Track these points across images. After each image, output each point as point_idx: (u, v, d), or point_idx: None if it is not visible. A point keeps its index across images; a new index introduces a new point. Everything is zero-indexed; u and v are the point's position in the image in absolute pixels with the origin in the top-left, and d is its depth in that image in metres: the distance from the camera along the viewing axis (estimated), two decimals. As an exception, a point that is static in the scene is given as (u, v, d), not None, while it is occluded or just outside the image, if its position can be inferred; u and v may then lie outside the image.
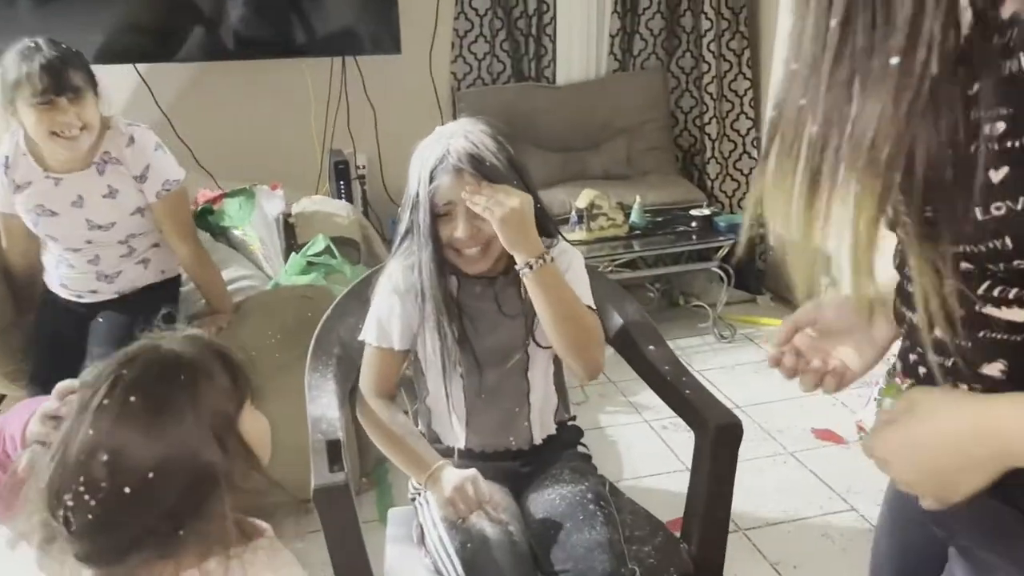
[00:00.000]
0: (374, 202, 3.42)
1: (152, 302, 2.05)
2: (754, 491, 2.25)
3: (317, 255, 2.53)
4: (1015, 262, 0.62)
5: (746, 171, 3.63)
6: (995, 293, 0.64)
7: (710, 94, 3.58)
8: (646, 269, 3.37)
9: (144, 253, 2.12)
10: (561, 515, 1.30)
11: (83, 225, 2.00)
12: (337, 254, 2.52)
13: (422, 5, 3.34)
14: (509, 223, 1.26)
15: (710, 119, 3.59)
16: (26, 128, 1.91)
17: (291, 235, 2.74)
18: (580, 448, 1.49)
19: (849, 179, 0.61)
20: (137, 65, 3.12)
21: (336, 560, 1.21)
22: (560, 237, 1.43)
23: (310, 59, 3.24)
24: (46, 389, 1.87)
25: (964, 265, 0.64)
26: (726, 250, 3.22)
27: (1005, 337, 0.65)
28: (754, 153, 3.60)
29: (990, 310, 0.65)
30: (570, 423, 1.51)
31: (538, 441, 1.44)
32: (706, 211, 3.28)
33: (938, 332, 0.67)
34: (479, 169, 1.28)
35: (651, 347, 1.50)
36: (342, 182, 3.12)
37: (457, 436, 1.43)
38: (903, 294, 0.76)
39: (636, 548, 1.30)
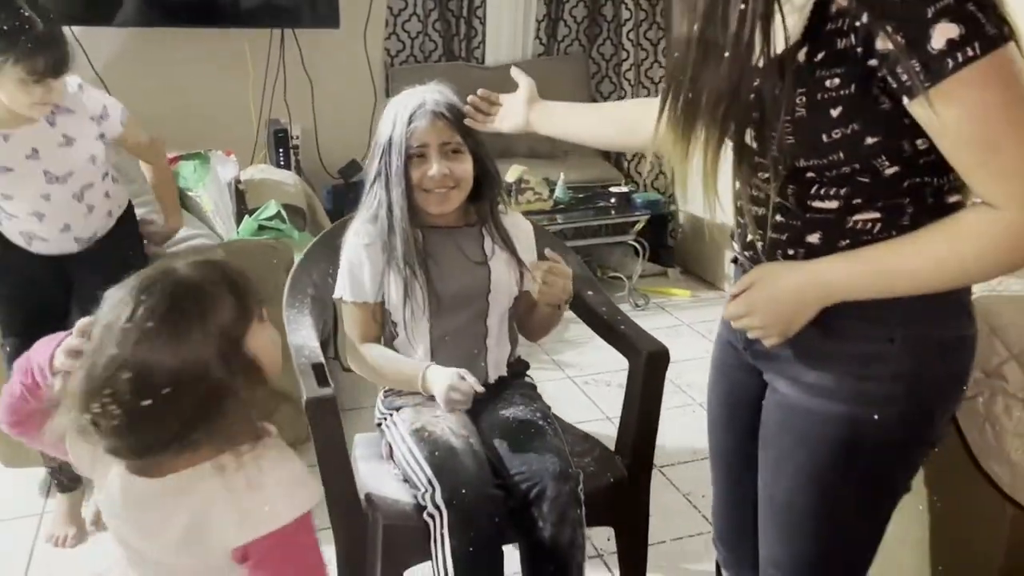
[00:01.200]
0: (308, 172, 3.53)
1: (119, 247, 2.12)
2: (667, 435, 2.49)
3: (268, 219, 2.65)
4: (843, 168, 0.91)
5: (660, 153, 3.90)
6: (822, 192, 0.94)
7: (628, 80, 3.84)
8: (568, 242, 3.60)
9: (99, 204, 2.15)
10: (514, 430, 1.49)
11: (40, 178, 1.97)
12: (287, 219, 2.64)
13: (359, -20, 3.47)
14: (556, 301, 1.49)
15: (628, 104, 3.85)
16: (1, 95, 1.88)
17: (241, 200, 2.84)
18: (527, 379, 1.69)
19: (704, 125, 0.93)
20: (73, 28, 3.14)
21: (324, 463, 1.38)
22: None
23: (250, 29, 3.33)
24: (24, 340, 1.93)
25: (808, 175, 0.94)
26: (640, 225, 3.49)
27: (821, 217, 0.95)
28: (667, 137, 3.89)
29: (817, 203, 0.94)
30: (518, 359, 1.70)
31: (492, 380, 1.60)
32: (624, 189, 3.55)
33: (778, 217, 0.98)
34: (454, 115, 1.46)
35: (590, 293, 1.72)
36: (281, 150, 3.23)
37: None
38: (748, 197, 1.04)
39: (576, 459, 1.51)
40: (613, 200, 3.47)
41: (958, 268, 0.88)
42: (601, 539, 1.99)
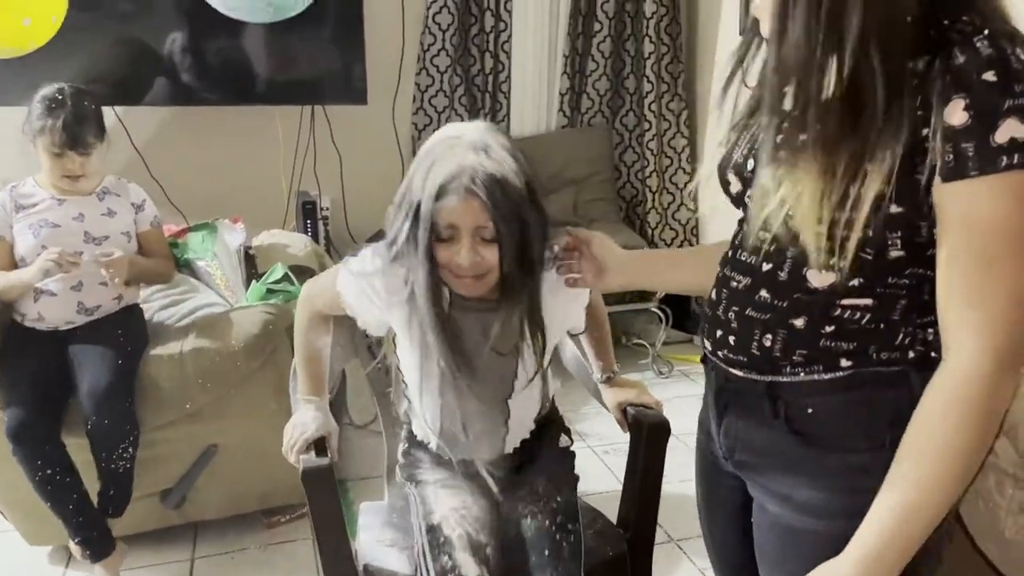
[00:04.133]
0: (336, 241, 3.62)
1: (121, 324, 2.23)
2: (686, 506, 2.47)
3: (276, 282, 2.71)
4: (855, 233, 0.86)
5: (683, 221, 3.93)
6: (821, 260, 0.88)
7: (651, 150, 3.89)
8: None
9: (119, 285, 2.28)
10: (530, 544, 1.39)
11: (80, 236, 2.23)
12: (295, 281, 2.71)
13: (387, 60, 3.60)
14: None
15: (651, 173, 3.90)
16: (41, 163, 2.21)
17: (252, 265, 2.92)
18: (561, 442, 1.55)
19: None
20: (116, 108, 3.30)
21: (322, 537, 1.39)
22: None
23: (280, 107, 3.46)
24: (32, 411, 2.02)
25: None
26: (662, 293, 3.49)
27: (809, 298, 0.93)
28: (690, 204, 3.91)
29: (811, 276, 0.92)
30: (548, 413, 1.55)
31: (510, 450, 1.49)
32: (646, 256, 3.56)
33: (763, 292, 0.96)
34: (494, 197, 1.18)
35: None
36: (308, 221, 3.32)
37: (428, 438, 1.49)
38: (734, 263, 1.01)
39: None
40: (636, 268, 3.48)
41: (962, 464, 0.84)
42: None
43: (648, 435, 1.51)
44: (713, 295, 1.04)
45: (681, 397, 3.21)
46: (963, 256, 0.81)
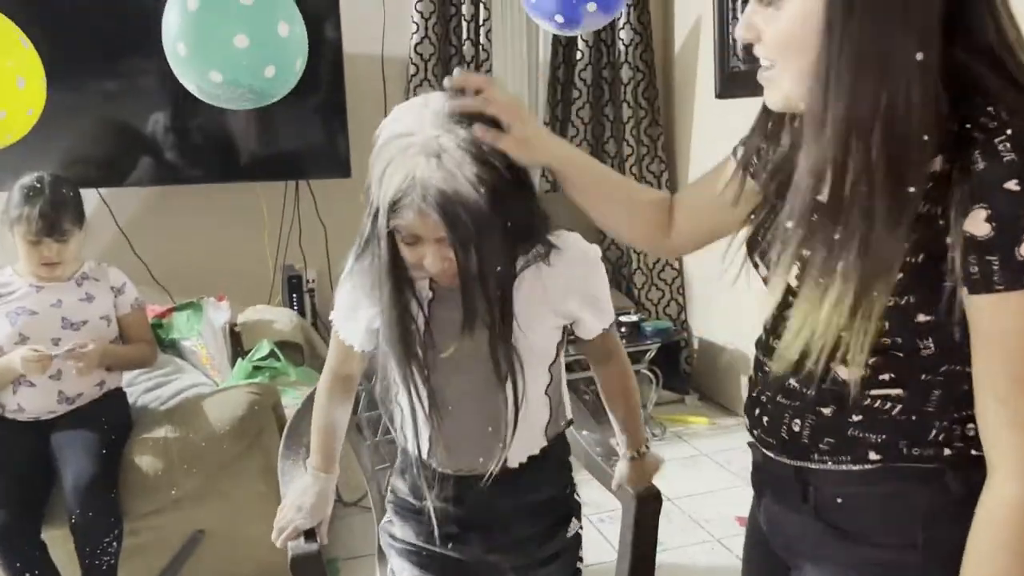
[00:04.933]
0: (323, 314, 3.60)
1: (103, 411, 2.21)
2: (680, 574, 2.43)
3: (263, 359, 2.70)
4: (882, 339, 0.83)
5: (669, 280, 3.95)
6: (848, 357, 0.84)
7: (633, 174, 3.86)
8: (580, 372, 3.60)
9: (100, 371, 2.27)
10: None
11: (58, 322, 2.22)
12: (281, 357, 2.69)
13: (370, 132, 3.63)
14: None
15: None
16: (19, 251, 2.22)
17: (237, 343, 2.92)
18: (572, 525, 1.42)
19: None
20: (100, 189, 3.31)
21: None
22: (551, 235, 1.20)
23: (264, 182, 3.49)
24: (13, 511, 1.98)
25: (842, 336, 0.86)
26: (652, 353, 3.49)
27: (837, 389, 0.90)
28: (675, 264, 3.94)
29: (840, 369, 0.89)
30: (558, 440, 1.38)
31: (514, 464, 1.30)
32: (634, 317, 3.57)
33: (792, 381, 0.93)
34: (448, 215, 1.04)
35: (584, 432, 1.71)
36: (295, 295, 3.32)
37: (420, 447, 1.32)
38: (765, 349, 0.99)
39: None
40: (624, 329, 3.49)
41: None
42: None
43: (638, 506, 1.49)
44: (751, 375, 1.03)
45: (674, 460, 3.18)
46: (997, 373, 0.78)
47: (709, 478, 3.02)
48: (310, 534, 1.39)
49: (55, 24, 3.01)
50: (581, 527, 1.46)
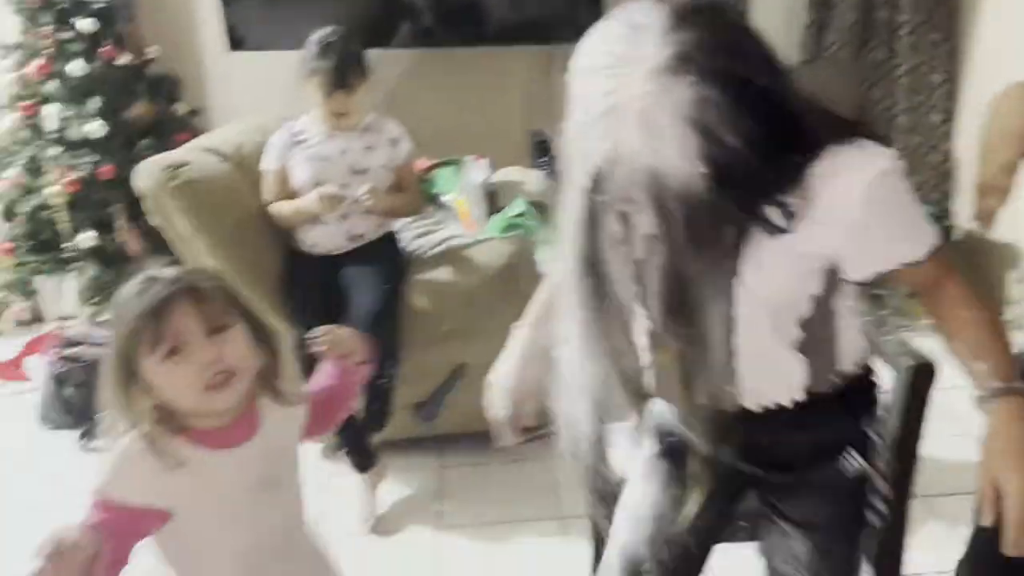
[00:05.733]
0: (565, 179, 3.70)
1: (382, 251, 2.45)
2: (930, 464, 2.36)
3: (517, 216, 2.84)
4: None
5: (934, 164, 3.65)
6: None
7: (901, 87, 3.62)
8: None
9: (378, 216, 2.50)
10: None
11: (345, 169, 2.46)
12: (534, 215, 2.81)
13: (623, -2, 3.58)
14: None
15: (900, 112, 3.63)
16: (313, 102, 2.43)
17: (492, 200, 3.08)
18: (849, 459, 1.21)
19: None
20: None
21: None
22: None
23: (518, 48, 3.55)
24: (309, 328, 2.27)
25: None
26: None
27: None
28: (943, 147, 3.62)
29: None
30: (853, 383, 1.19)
31: (754, 406, 1.14)
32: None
33: None
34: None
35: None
36: (543, 159, 3.42)
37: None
38: None
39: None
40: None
41: None
42: None
43: (912, 376, 1.46)
44: None
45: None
46: None
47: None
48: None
49: None
50: (871, 470, 1.23)
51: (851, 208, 0.96)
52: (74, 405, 2.89)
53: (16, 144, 3.22)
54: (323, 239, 2.45)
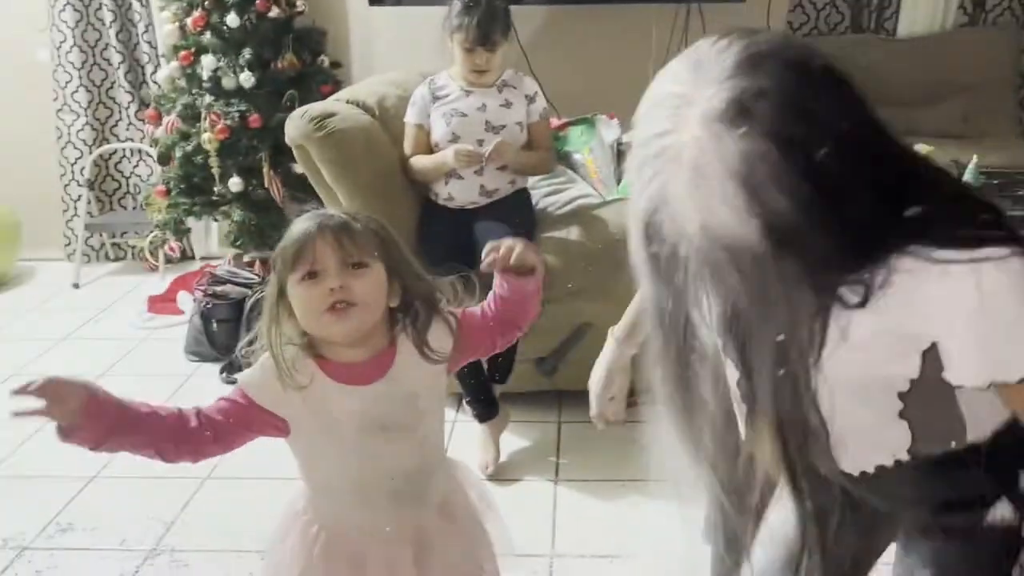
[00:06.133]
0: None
1: (514, 207, 2.49)
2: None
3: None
4: None
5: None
6: None
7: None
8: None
9: (512, 172, 2.54)
10: None
11: (482, 125, 2.51)
12: None
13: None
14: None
15: (1067, 81, 3.39)
16: (454, 57, 2.49)
17: (622, 160, 3.06)
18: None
19: None
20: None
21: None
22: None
23: (656, 4, 3.50)
24: (440, 274, 2.35)
25: None
26: (1068, 219, 3.07)
27: None
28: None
29: None
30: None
31: (852, 471, 1.02)
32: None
33: None
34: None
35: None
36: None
37: None
38: None
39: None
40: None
41: None
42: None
43: None
44: None
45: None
46: None
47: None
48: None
49: None
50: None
51: (961, 306, 0.81)
52: (218, 340, 3.09)
53: (174, 92, 3.42)
54: (458, 193, 2.52)
